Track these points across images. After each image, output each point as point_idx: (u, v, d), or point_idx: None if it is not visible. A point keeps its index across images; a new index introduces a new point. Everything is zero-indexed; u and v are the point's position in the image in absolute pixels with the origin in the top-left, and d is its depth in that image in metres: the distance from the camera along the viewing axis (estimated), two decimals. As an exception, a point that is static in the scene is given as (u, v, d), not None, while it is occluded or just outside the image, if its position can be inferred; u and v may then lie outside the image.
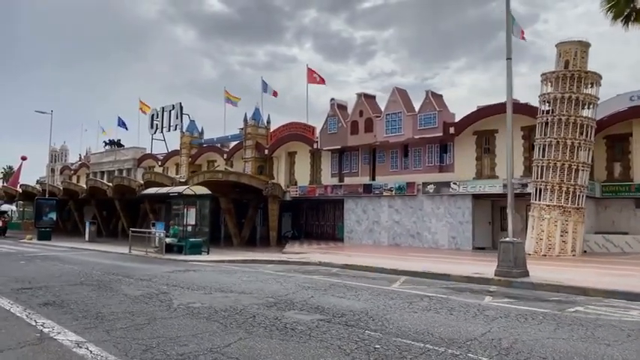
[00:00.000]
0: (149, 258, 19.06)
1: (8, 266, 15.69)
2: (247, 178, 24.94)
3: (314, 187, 28.36)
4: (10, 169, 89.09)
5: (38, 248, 24.40)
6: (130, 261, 17.81)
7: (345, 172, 27.73)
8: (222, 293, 10.13)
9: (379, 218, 25.41)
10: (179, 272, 14.02)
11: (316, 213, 31.29)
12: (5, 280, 11.97)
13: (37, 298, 9.49)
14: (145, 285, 11.33)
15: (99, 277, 12.70)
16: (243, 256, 18.76)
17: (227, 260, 17.47)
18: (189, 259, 18.19)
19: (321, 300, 9.31)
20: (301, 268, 15.22)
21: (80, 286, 11.07)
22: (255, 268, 15.54)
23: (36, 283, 11.48)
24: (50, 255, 20.15)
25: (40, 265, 16.09)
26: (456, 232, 22.71)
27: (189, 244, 19.96)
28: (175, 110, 39.11)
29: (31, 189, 41.78)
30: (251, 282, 11.93)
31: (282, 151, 30.94)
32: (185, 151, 36.67)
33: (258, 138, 31.61)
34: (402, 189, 24.34)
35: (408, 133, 23.92)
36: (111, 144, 45.71)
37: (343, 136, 26.48)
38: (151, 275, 13.20)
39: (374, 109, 25.81)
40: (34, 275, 13.08)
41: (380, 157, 26.17)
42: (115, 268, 15.19)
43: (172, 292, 10.26)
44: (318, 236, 30.35)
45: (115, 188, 31.08)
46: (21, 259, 18.04)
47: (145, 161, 41.95)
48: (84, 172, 48.57)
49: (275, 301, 9.20)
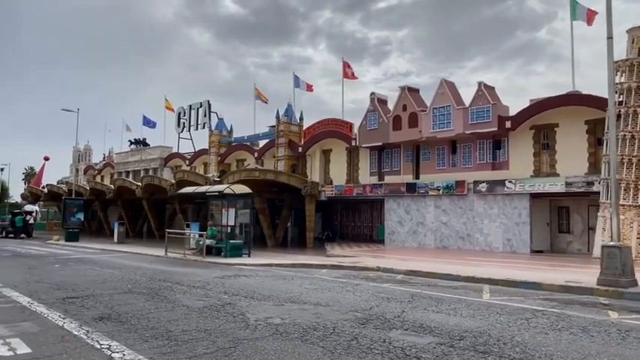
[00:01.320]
0: (189, 261, 17.88)
1: (44, 270, 14.61)
2: (286, 176, 23.67)
3: (351, 186, 26.98)
4: (32, 170, 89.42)
5: (68, 250, 23.44)
6: (170, 264, 16.64)
7: (385, 170, 26.28)
8: (296, 305, 8.83)
9: (424, 219, 23.94)
10: (230, 278, 12.78)
11: (351, 213, 29.90)
12: (47, 288, 10.83)
13: (88, 310, 8.29)
14: (202, 294, 10.09)
15: (146, 284, 11.51)
16: (290, 260, 17.47)
17: (275, 264, 16.19)
18: (232, 262, 16.96)
19: (418, 316, 7.95)
20: (360, 274, 13.88)
21: (131, 295, 9.88)
22: (309, 273, 14.24)
23: (81, 291, 10.32)
24: (83, 258, 19.10)
25: (76, 269, 14.99)
26: (512, 234, 21.14)
27: (229, 246, 18.77)
28: (203, 108, 38.04)
29: (56, 189, 41.12)
30: (317, 290, 10.62)
31: (317, 149, 29.61)
32: (214, 149, 35.53)
33: (291, 135, 30.34)
34: (451, 188, 22.84)
35: (458, 128, 22.40)
36: (136, 143, 44.83)
37: (384, 132, 25.04)
38: (203, 282, 11.98)
39: (418, 102, 24.34)
40: (75, 281, 11.94)
41: (425, 154, 24.68)
42: (159, 272, 14.01)
43: (238, 302, 9.00)
44: (354, 238, 28.97)
45: (144, 188, 30.08)
46: (54, 262, 16.99)
47: (171, 160, 40.95)
48: (108, 172, 47.83)
49: (363, 316, 7.87)
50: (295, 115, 30.96)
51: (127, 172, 44.37)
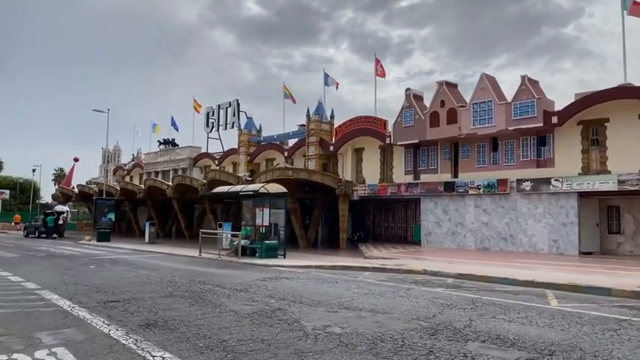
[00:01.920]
0: (224, 262, 17.42)
1: (80, 271, 14.31)
2: (319, 175, 23.05)
3: (385, 185, 26.22)
4: (62, 171, 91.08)
5: (101, 250, 23.29)
6: (206, 265, 16.19)
7: (421, 168, 25.42)
8: (351, 312, 8.18)
9: (463, 219, 23.02)
10: (272, 280, 12.22)
11: (384, 213, 29.10)
12: (86, 290, 10.43)
13: (132, 315, 7.80)
14: (247, 298, 9.53)
15: (187, 287, 11.03)
16: (327, 261, 16.84)
17: (314, 266, 15.58)
18: (269, 263, 16.42)
19: (489, 325, 7.22)
20: (407, 278, 13.14)
21: (173, 299, 9.38)
22: (351, 276, 13.58)
23: (121, 294, 9.88)
24: (117, 258, 18.83)
25: (112, 270, 14.65)
26: (558, 235, 20.09)
27: (264, 247, 18.24)
28: (232, 107, 37.75)
29: (87, 189, 41.41)
30: (368, 295, 9.96)
31: (348, 147, 28.91)
32: (243, 149, 35.18)
33: (322, 134, 29.73)
34: (492, 187, 21.88)
35: (500, 123, 21.42)
36: (165, 143, 44.85)
37: (421, 129, 24.20)
38: (244, 284, 11.44)
39: (457, 98, 23.43)
40: (113, 283, 11.54)
41: (464, 152, 23.74)
42: (197, 274, 13.55)
43: (288, 308, 8.40)
44: (388, 239, 28.18)
45: (175, 188, 29.88)
46: (89, 263, 16.73)
47: (200, 160, 40.81)
48: (137, 173, 48.05)
49: (429, 325, 7.18)
50: (326, 114, 30.33)
51: (155, 172, 44.45)
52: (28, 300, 9.25)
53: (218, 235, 22.21)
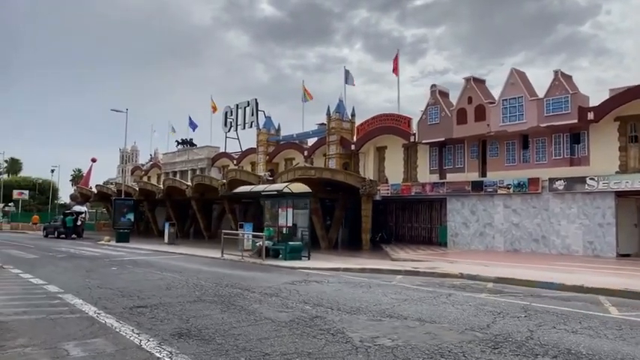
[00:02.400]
0: (248, 264, 16.91)
1: (102, 273, 13.90)
2: (342, 175, 22.43)
3: (409, 185, 25.50)
4: (80, 172, 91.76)
5: (121, 251, 22.96)
6: (230, 267, 15.68)
7: (447, 167, 24.65)
8: (397, 321, 7.57)
9: (492, 220, 22.23)
10: (301, 284, 11.65)
11: (408, 214, 28.36)
12: (110, 294, 9.97)
13: (162, 323, 7.28)
14: (280, 303, 8.97)
15: (215, 291, 10.51)
16: (355, 263, 16.24)
17: (342, 268, 14.98)
18: (294, 265, 15.87)
19: (554, 337, 6.56)
20: (444, 282, 12.48)
21: (202, 304, 8.87)
22: (384, 279, 12.95)
23: (147, 299, 9.40)
24: (138, 260, 18.44)
25: (135, 272, 14.22)
26: (594, 236, 19.22)
27: (288, 248, 17.71)
28: (250, 107, 37.33)
29: (105, 189, 41.31)
30: (409, 302, 9.32)
31: (370, 146, 28.23)
32: (262, 148, 34.70)
33: (343, 132, 29.09)
34: (523, 186, 21.06)
35: (532, 120, 20.58)
36: (183, 143, 44.62)
37: (447, 126, 23.44)
38: (274, 288, 10.89)
39: (485, 94, 22.63)
40: (138, 287, 11.08)
41: (492, 150, 22.91)
42: (222, 277, 13.04)
43: (327, 316, 7.82)
44: (411, 240, 27.43)
45: (194, 188, 29.51)
46: (111, 265, 16.34)
47: (219, 160, 40.45)
48: (155, 173, 47.92)
49: (486, 337, 6.54)
50: (347, 112, 29.70)
51: (174, 172, 44.24)
52: (52, 305, 8.81)
53: (239, 236, 21.79)
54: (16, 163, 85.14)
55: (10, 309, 8.39)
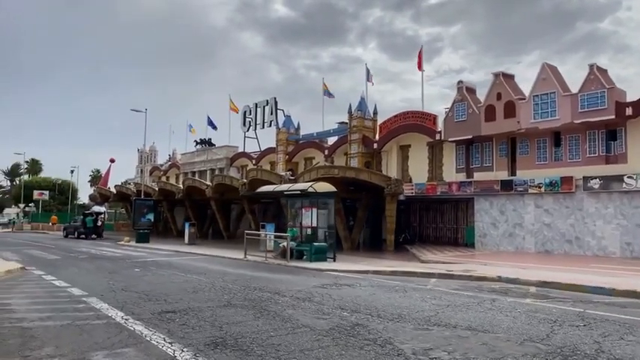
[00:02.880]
0: (272, 265, 16.43)
1: (125, 275, 13.53)
2: (367, 174, 21.84)
3: (434, 184, 24.80)
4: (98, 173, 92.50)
5: (142, 252, 22.69)
6: (255, 269, 15.21)
7: (474, 166, 23.89)
8: (446, 330, 6.99)
9: (522, 220, 21.44)
10: (332, 288, 11.11)
11: (432, 214, 27.63)
12: (136, 298, 9.55)
13: (194, 331, 6.81)
14: (316, 309, 8.45)
15: (244, 294, 10.04)
16: (383, 265, 15.66)
17: (371, 271, 14.40)
18: (321, 267, 15.35)
19: (628, 351, 5.96)
20: (482, 286, 11.83)
21: (234, 309, 8.39)
22: (418, 283, 12.35)
23: (175, 303, 8.96)
24: (160, 261, 18.09)
25: (159, 274, 13.83)
26: (632, 237, 18.35)
27: (313, 249, 17.19)
28: (269, 105, 36.89)
29: (125, 189, 41.29)
30: (452, 308, 8.73)
31: (393, 145, 27.58)
32: (282, 148, 34.25)
33: (365, 131, 28.49)
34: (555, 185, 20.25)
35: (565, 117, 19.76)
36: (202, 143, 44.42)
37: (475, 123, 22.70)
38: (305, 292, 10.38)
39: (515, 90, 21.84)
40: (163, 290, 10.65)
41: (522, 148, 22.10)
42: (249, 279, 12.57)
43: (369, 324, 7.28)
44: (436, 241, 26.71)
45: (215, 188, 29.16)
46: (133, 266, 16.00)
47: (237, 160, 40.14)
48: (173, 173, 47.84)
49: (551, 350, 5.94)
50: (369, 110, 29.08)
51: (192, 172, 44.07)
52: (77, 309, 8.41)
53: (261, 237, 21.36)
54: (36, 163, 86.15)
55: (34, 314, 8.02)
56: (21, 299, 9.53)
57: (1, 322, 7.32)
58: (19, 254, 20.90)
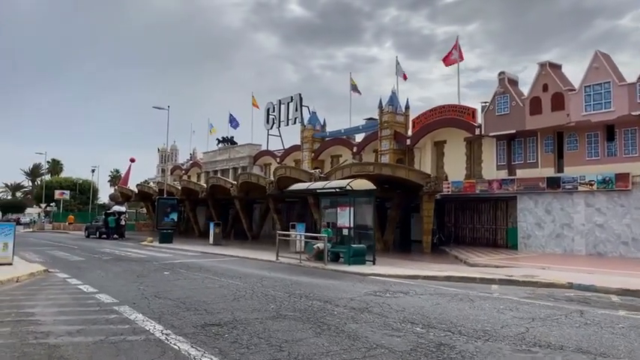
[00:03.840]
0: (309, 269, 15.30)
1: (155, 279, 12.53)
2: (404, 171, 20.58)
3: (473, 182, 23.44)
4: (117, 173, 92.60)
5: (167, 253, 21.76)
6: (291, 272, 14.09)
7: (517, 162, 22.46)
8: (557, 354, 5.80)
9: (571, 220, 19.99)
10: (387, 296, 9.93)
11: (468, 214, 26.21)
12: (172, 307, 8.50)
13: (250, 351, 5.71)
14: (381, 323, 7.31)
15: (291, 303, 8.93)
16: (434, 270, 14.42)
17: (421, 276, 13.18)
18: (363, 271, 14.17)
19: None
20: (554, 293, 10.56)
21: (286, 322, 7.29)
22: (479, 289, 11.11)
23: (217, 314, 7.90)
24: (189, 263, 17.10)
25: (191, 278, 12.80)
26: (699, 239, 16.82)
27: (352, 252, 16.03)
28: (294, 102, 35.79)
29: (147, 189, 40.61)
30: (538, 322, 7.50)
31: (427, 141, 26.25)
32: (307, 145, 33.10)
33: (396, 126, 27.21)
34: (609, 182, 18.78)
35: (621, 108, 18.28)
36: (224, 141, 43.53)
37: (518, 117, 21.28)
38: (359, 301, 9.23)
39: (563, 81, 20.39)
40: (200, 297, 9.60)
41: (570, 143, 20.63)
42: (290, 284, 11.46)
43: (455, 343, 6.12)
44: (473, 242, 25.32)
45: (240, 186, 28.15)
46: (161, 269, 15.03)
47: (261, 158, 39.13)
48: (195, 172, 47.09)
49: None
50: (400, 104, 27.80)
51: (214, 171, 43.20)
52: (109, 321, 7.38)
53: (291, 237, 20.30)
54: (57, 164, 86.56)
55: (61, 326, 7.01)
56: (46, 307, 8.56)
57: (25, 338, 6.32)
58: (41, 255, 20.16)
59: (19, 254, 17.43)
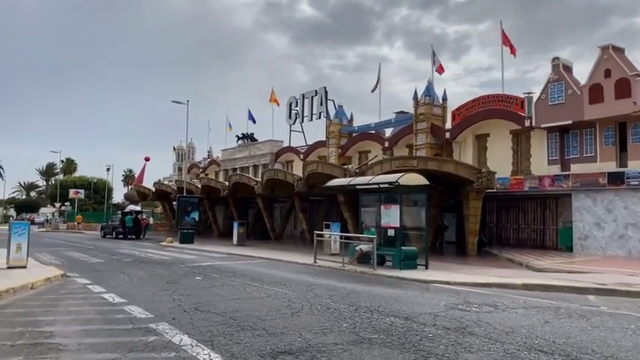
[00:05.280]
0: (356, 274, 13.58)
1: (187, 286, 10.91)
2: (453, 165, 18.73)
3: (521, 178, 21.53)
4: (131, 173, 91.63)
5: (191, 254, 20.19)
6: (341, 279, 12.37)
7: (572, 156, 20.51)
8: None
9: (637, 220, 18.04)
10: (475, 311, 8.18)
11: (513, 213, 24.19)
12: (221, 325, 6.86)
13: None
14: (499, 350, 5.64)
15: (365, 320, 7.26)
16: (506, 277, 12.62)
17: (495, 284, 11.40)
18: (420, 277, 12.45)
19: None
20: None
21: (377, 350, 5.64)
22: (575, 301, 9.31)
23: (281, 336, 6.26)
24: (219, 266, 15.48)
25: (228, 284, 11.15)
26: None
27: (402, 255, 14.27)
28: (319, 96, 34.03)
29: (164, 187, 39.18)
30: None
31: (468, 134, 24.35)
32: (334, 141, 31.33)
33: (433, 119, 25.38)
34: (684, 177, 16.84)
35: (702, 94, 16.36)
36: (244, 138, 41.94)
37: (576, 106, 19.35)
38: (447, 318, 7.51)
39: (629, 66, 18.45)
40: (250, 310, 7.97)
41: (636, 134, 18.64)
42: (348, 295, 9.75)
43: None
44: (518, 243, 23.36)
45: (265, 184, 26.50)
46: (191, 273, 13.42)
47: (282, 155, 37.45)
48: (212, 170, 45.56)
49: None
50: (437, 95, 25.96)
51: (233, 169, 41.60)
52: (149, 346, 5.75)
53: (325, 238, 18.65)
54: (71, 163, 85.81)
55: (89, 354, 5.40)
56: (67, 325, 6.95)
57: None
58: (57, 256, 18.69)
59: (33, 255, 15.97)
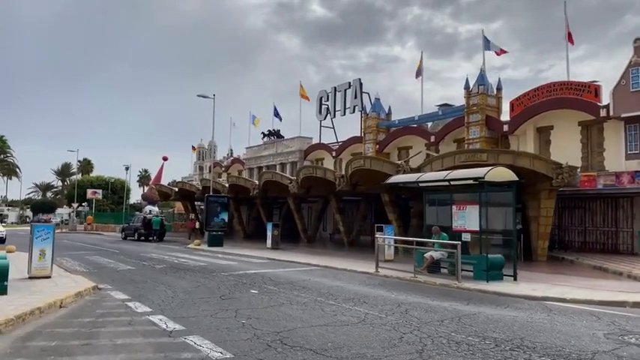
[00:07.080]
0: (438, 287, 11.42)
1: (248, 303, 8.88)
2: (528, 159, 16.38)
3: (593, 175, 19.18)
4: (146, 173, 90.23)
5: (227, 259, 18.19)
6: (427, 294, 10.25)
7: (655, 150, 18.23)
8: None
9: None
10: None
11: (578, 214, 21.77)
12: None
13: None
14: None
15: None
16: (627, 293, 10.41)
17: (630, 302, 9.19)
18: (525, 293, 10.31)
19: None
20: None
21: None
22: None
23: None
24: (268, 275, 13.43)
25: (297, 302, 9.09)
26: None
27: (487, 263, 12.09)
28: (352, 89, 31.83)
29: (188, 187, 37.32)
30: None
31: (528, 127, 22.01)
32: (371, 136, 29.10)
33: (488, 110, 23.08)
34: None
35: None
36: (270, 135, 39.89)
37: (664, 93, 17.07)
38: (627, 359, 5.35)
39: None
40: (356, 347, 5.95)
41: None
42: (459, 319, 7.65)
43: None
44: (584, 247, 20.98)
45: (301, 182, 24.40)
46: (242, 284, 11.42)
47: (312, 153, 35.27)
48: (236, 169, 43.59)
49: None
50: (491, 84, 23.64)
51: (259, 167, 39.57)
52: None
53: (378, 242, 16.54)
54: (88, 163, 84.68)
55: None
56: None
57: None
58: (81, 262, 16.82)
59: (55, 261, 14.03)
